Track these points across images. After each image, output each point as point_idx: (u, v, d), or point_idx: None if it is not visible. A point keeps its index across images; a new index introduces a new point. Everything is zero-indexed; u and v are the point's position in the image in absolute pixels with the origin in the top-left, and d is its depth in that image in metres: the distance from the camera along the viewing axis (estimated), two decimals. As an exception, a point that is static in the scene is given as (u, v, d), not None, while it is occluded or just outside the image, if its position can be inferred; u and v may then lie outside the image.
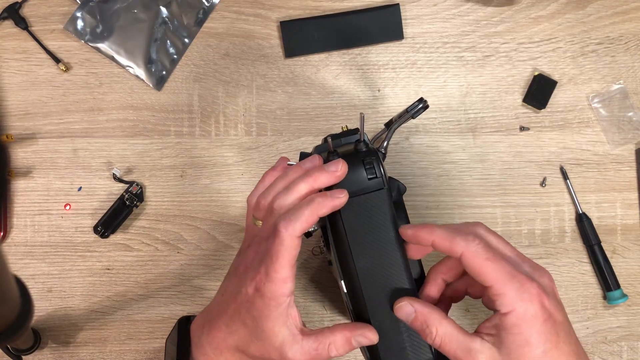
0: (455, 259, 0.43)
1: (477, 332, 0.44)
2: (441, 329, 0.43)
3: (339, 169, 0.46)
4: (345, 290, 0.48)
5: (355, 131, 0.54)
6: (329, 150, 0.49)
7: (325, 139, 0.54)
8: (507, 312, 0.41)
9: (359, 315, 0.48)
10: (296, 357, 0.45)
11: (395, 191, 0.54)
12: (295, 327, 0.45)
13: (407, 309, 0.45)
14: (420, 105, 0.55)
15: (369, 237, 0.46)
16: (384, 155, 0.55)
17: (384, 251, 0.47)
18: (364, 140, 0.49)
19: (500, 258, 0.42)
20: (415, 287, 0.47)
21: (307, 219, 0.43)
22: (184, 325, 0.51)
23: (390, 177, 0.50)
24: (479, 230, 0.45)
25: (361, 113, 0.49)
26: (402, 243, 0.47)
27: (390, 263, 0.46)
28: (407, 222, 0.51)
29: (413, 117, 0.55)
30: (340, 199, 0.45)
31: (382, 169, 0.48)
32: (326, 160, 0.49)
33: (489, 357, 0.42)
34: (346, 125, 0.56)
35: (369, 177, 0.47)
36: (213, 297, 0.52)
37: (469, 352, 0.42)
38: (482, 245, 0.42)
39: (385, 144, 0.55)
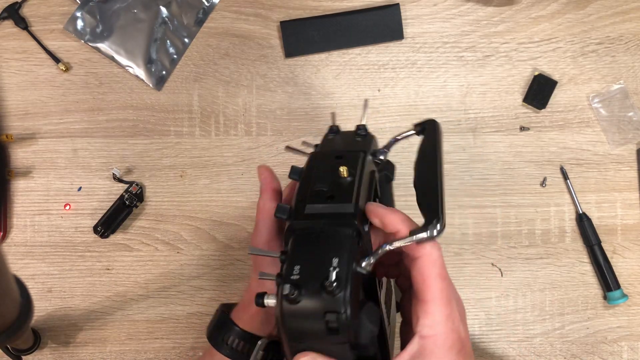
0: (406, 255, 0.41)
1: None
2: None
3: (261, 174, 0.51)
4: None
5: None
6: (331, 125, 0.51)
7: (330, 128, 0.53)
8: (428, 336, 0.39)
9: None
10: None
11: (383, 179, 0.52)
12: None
13: None
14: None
15: None
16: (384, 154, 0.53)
17: None
18: (364, 125, 0.50)
19: (448, 278, 0.40)
20: None
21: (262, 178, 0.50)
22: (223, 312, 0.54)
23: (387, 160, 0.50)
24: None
25: (365, 99, 0.51)
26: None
27: None
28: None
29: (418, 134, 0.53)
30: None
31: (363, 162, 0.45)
32: (325, 136, 0.51)
33: None
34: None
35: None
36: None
37: None
38: (441, 258, 0.40)
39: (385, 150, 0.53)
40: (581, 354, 0.72)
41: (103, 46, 0.72)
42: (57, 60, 0.72)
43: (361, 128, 0.50)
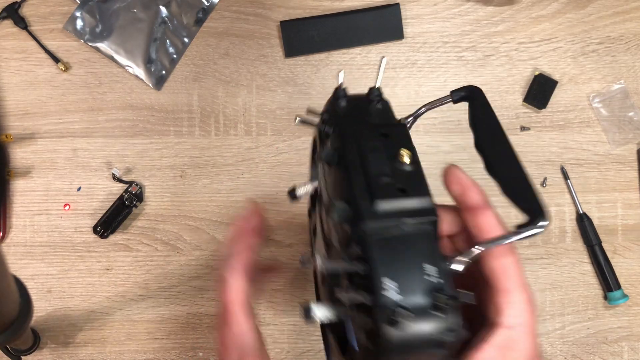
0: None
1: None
2: None
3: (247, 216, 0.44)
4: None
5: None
6: (337, 88, 0.44)
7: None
8: (515, 326, 0.37)
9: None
10: None
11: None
12: None
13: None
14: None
15: None
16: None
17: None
18: (379, 88, 0.43)
19: (520, 263, 0.38)
20: None
21: (238, 250, 0.41)
22: None
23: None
24: None
25: (383, 57, 0.43)
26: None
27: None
28: None
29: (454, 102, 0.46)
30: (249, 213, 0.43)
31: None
32: (333, 104, 0.44)
33: None
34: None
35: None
36: None
37: None
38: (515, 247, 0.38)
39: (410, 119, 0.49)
40: (582, 354, 0.72)
41: (102, 46, 0.72)
42: (56, 60, 0.71)
43: (375, 92, 0.43)
